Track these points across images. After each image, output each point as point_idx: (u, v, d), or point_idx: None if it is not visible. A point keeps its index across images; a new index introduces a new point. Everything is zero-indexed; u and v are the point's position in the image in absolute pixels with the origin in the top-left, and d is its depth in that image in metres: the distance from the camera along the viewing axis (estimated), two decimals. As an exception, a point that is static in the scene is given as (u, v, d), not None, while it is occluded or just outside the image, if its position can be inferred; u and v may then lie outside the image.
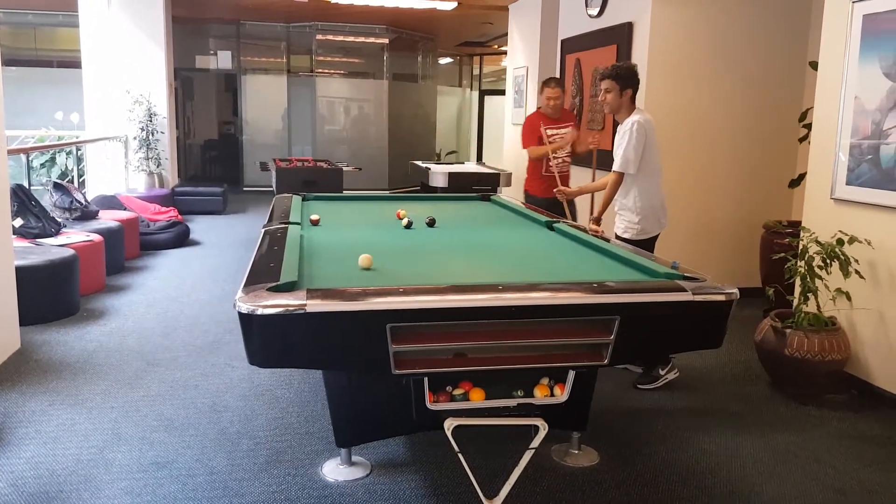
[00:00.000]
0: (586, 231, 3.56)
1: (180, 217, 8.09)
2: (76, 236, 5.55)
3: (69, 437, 3.08)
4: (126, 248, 6.48)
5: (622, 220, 4.06)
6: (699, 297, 2.36)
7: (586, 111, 6.49)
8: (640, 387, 3.82)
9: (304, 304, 2.09)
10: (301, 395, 3.59)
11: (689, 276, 2.56)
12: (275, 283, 2.25)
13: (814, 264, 3.77)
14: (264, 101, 13.10)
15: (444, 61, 16.17)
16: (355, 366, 2.33)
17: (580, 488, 2.76)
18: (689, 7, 5.38)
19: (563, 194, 4.60)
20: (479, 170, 8.28)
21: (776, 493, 2.78)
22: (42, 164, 9.26)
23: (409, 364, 2.25)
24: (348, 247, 3.16)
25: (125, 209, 7.44)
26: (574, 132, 5.46)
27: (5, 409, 3.35)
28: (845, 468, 3.00)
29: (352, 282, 2.37)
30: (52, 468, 2.82)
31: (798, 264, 3.88)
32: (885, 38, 3.60)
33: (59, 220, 5.94)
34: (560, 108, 5.52)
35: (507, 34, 9.85)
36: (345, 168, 8.44)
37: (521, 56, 9.04)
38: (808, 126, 4.66)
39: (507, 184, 7.78)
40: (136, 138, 9.40)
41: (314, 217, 3.79)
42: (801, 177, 4.89)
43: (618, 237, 3.98)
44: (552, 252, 3.26)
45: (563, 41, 7.17)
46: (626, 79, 3.94)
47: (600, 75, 4.03)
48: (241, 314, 2.11)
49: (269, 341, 2.16)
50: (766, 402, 3.73)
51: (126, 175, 9.52)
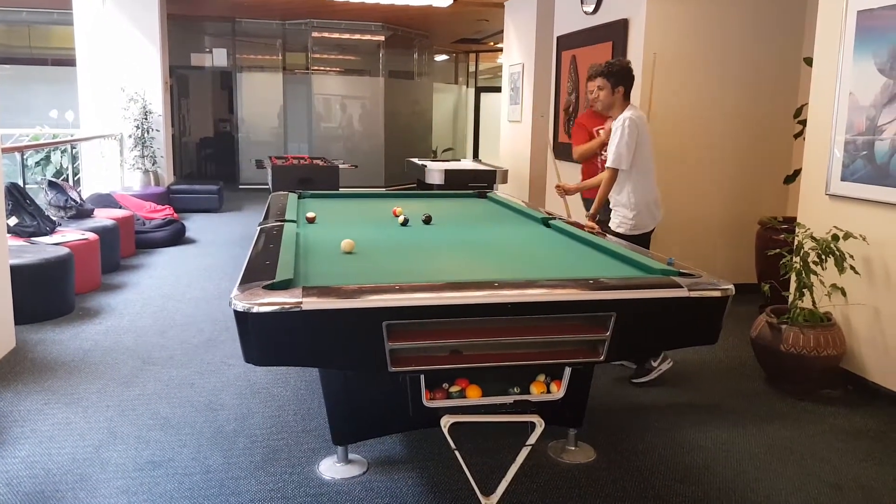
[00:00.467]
0: (582, 228, 3.56)
1: (176, 215, 8.08)
2: (71, 235, 5.54)
3: (65, 436, 3.08)
4: (121, 247, 6.46)
5: (616, 216, 4.07)
6: (695, 294, 2.36)
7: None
8: (634, 381, 3.82)
9: (300, 302, 2.09)
10: (297, 393, 3.59)
11: (685, 272, 2.56)
12: (271, 281, 2.25)
13: (809, 260, 3.77)
14: (260, 98, 13.07)
15: (439, 58, 16.17)
16: (352, 363, 2.33)
17: (577, 485, 2.77)
18: (684, 3, 5.38)
19: (563, 190, 4.56)
20: (476, 167, 8.28)
21: (772, 489, 2.78)
22: (37, 163, 9.23)
23: (406, 361, 2.25)
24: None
25: (120, 207, 7.43)
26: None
27: (0, 409, 3.35)
28: (841, 463, 3.01)
29: (348, 279, 2.37)
30: (48, 467, 2.81)
31: (793, 260, 3.89)
32: (879, 33, 3.60)
33: (54, 218, 5.93)
34: (611, 102, 4.77)
35: (502, 31, 9.84)
36: (341, 165, 8.42)
37: (517, 53, 9.04)
38: (803, 122, 4.67)
39: (504, 181, 7.78)
40: (131, 136, 9.38)
41: (310, 215, 3.78)
42: (797, 173, 4.90)
43: (612, 232, 3.98)
44: (548, 249, 3.27)
45: (558, 38, 7.16)
46: (618, 75, 3.92)
47: (591, 73, 4.02)
48: (236, 312, 2.10)
49: (265, 339, 2.16)
50: (761, 397, 3.74)
51: (121, 173, 9.50)
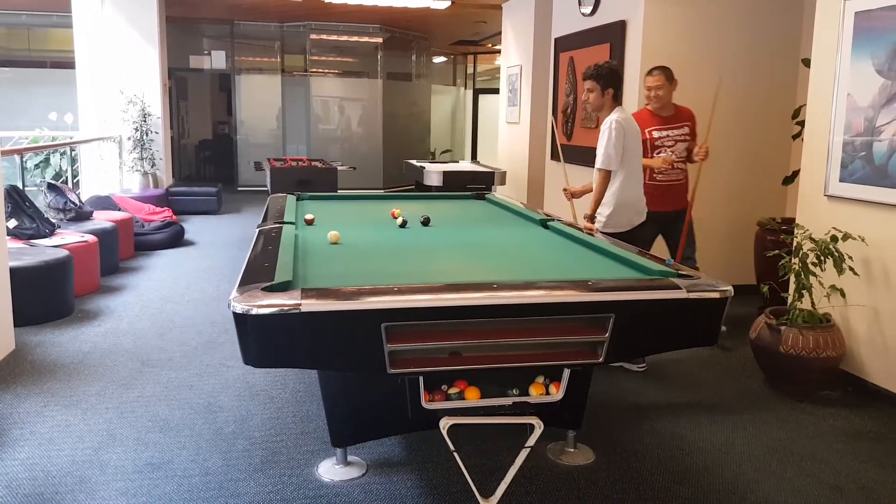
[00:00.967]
0: (580, 229, 3.57)
1: (175, 217, 8.07)
2: (70, 237, 5.53)
3: (64, 439, 3.08)
4: (120, 249, 6.46)
5: (598, 213, 4.12)
6: (694, 295, 2.36)
7: (580, 110, 6.49)
8: (628, 367, 4.05)
9: (299, 304, 2.09)
10: (296, 395, 3.58)
11: (684, 273, 2.56)
12: (269, 283, 2.25)
13: (808, 261, 3.78)
14: (258, 100, 13.07)
15: (438, 60, 16.17)
16: (350, 365, 2.32)
17: (576, 486, 2.77)
18: (681, 5, 5.39)
19: (570, 194, 4.63)
20: (474, 168, 8.29)
21: (771, 490, 2.78)
22: (36, 165, 9.23)
23: (405, 363, 2.25)
24: (343, 246, 3.17)
25: (119, 210, 7.42)
26: (689, 144, 4.60)
27: (0, 411, 3.35)
28: (840, 465, 3.01)
29: (347, 281, 2.37)
30: (47, 469, 2.81)
31: (792, 261, 3.90)
32: (877, 34, 3.61)
33: (54, 220, 5.93)
34: (668, 101, 4.58)
35: (500, 33, 9.85)
36: (339, 167, 8.42)
37: (515, 55, 9.04)
38: (802, 123, 4.67)
39: (502, 182, 7.79)
40: (130, 139, 9.37)
41: (309, 217, 3.78)
42: (795, 174, 4.90)
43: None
44: (547, 250, 3.27)
45: (556, 40, 7.17)
46: (607, 78, 3.98)
47: (584, 76, 4.08)
48: (235, 314, 2.10)
49: (263, 341, 2.15)
50: (761, 398, 3.74)
51: (120, 175, 9.50)
